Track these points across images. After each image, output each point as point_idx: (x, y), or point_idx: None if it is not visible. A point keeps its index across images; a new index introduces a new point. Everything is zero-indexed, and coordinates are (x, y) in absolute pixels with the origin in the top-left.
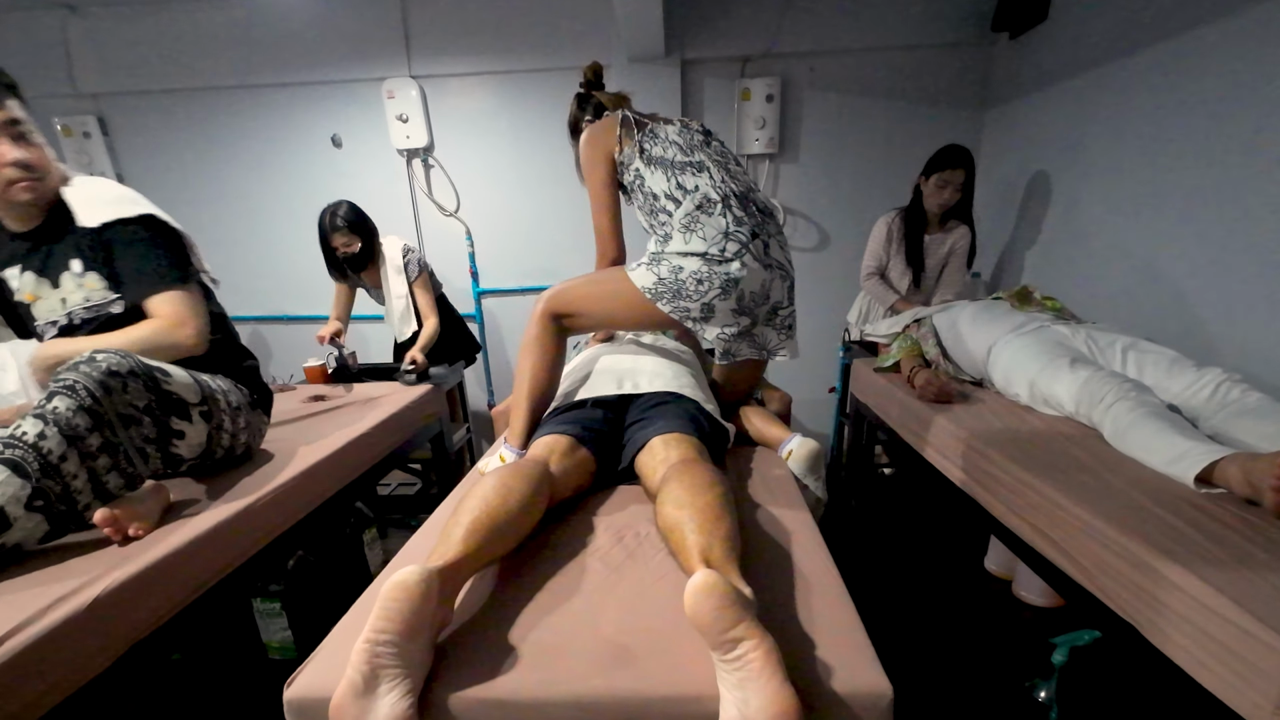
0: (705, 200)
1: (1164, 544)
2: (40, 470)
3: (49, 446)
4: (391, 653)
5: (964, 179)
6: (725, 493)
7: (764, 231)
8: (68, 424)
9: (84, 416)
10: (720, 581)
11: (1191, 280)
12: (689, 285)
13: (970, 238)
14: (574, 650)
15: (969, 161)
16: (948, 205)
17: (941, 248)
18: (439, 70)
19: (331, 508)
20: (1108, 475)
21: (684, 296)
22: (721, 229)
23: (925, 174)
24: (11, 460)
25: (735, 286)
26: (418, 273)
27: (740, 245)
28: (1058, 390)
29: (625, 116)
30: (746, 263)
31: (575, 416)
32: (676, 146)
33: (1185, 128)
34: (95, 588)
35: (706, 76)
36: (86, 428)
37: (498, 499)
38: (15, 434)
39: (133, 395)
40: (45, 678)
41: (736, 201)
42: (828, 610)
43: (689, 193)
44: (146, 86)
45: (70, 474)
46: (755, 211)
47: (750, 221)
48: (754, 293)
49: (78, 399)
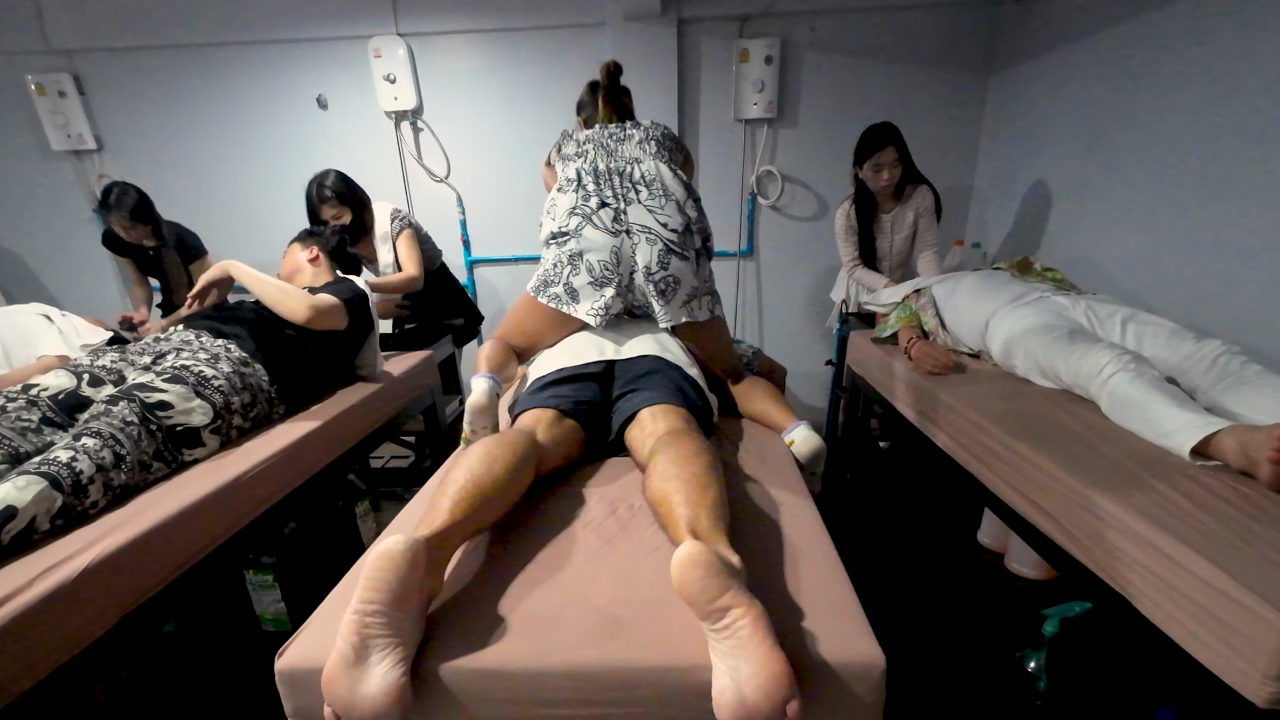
0: (565, 181)
1: (1158, 516)
2: (71, 489)
3: (81, 468)
4: (381, 623)
5: (895, 155)
6: (712, 462)
7: (620, 200)
8: (95, 454)
9: (109, 453)
10: (704, 551)
11: (1195, 252)
12: (552, 272)
13: (932, 194)
14: (567, 621)
15: (894, 136)
16: (891, 184)
17: (906, 217)
18: (427, 28)
19: (323, 479)
20: (1103, 447)
21: (552, 283)
22: (568, 207)
23: (857, 163)
24: (50, 475)
25: (580, 259)
26: (399, 230)
27: (581, 218)
28: (1056, 362)
29: (564, 132)
30: (585, 233)
31: (561, 390)
32: (575, 143)
33: (1194, 94)
34: (84, 557)
35: (704, 36)
36: (113, 463)
37: (483, 468)
38: (50, 456)
39: (145, 444)
40: (34, 649)
41: (592, 177)
42: (821, 581)
43: (564, 180)
44: (124, 43)
45: (93, 501)
46: (618, 183)
47: (600, 194)
48: (603, 261)
49: (104, 442)
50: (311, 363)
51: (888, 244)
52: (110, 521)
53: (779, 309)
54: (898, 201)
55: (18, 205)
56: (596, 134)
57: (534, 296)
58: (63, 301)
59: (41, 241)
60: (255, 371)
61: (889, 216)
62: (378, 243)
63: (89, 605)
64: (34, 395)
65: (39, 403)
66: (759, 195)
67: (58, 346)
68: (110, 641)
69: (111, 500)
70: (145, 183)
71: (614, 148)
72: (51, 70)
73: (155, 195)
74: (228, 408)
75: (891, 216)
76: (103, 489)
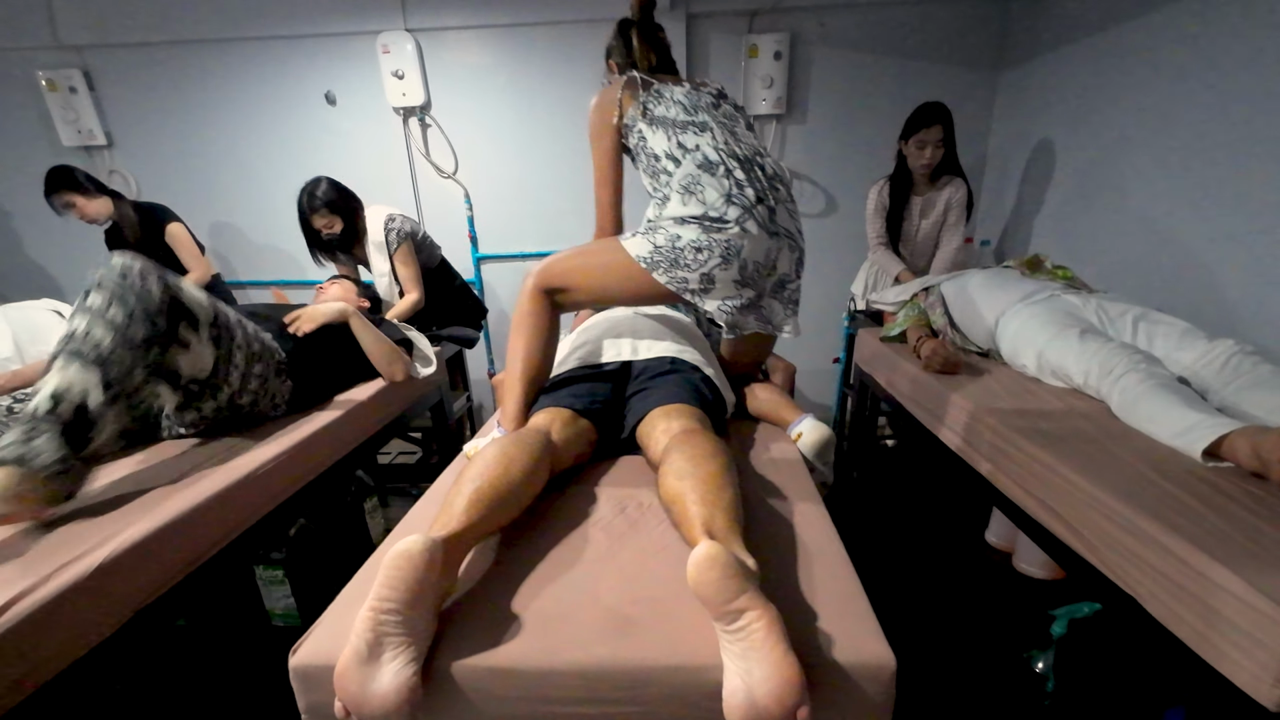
0: (705, 161)
1: (1169, 517)
2: (99, 362)
3: (98, 338)
4: (395, 621)
5: (942, 135)
6: (727, 463)
7: (770, 197)
8: (104, 315)
9: (118, 308)
10: (723, 552)
11: (1207, 251)
12: (687, 254)
13: (965, 190)
14: (577, 619)
15: (945, 116)
16: (931, 164)
17: (936, 205)
18: (436, 23)
19: (332, 476)
20: (1114, 448)
21: (682, 266)
22: (723, 192)
23: (903, 137)
24: (77, 352)
25: (737, 255)
26: (396, 244)
27: (742, 210)
28: (1066, 361)
29: (631, 77)
30: (749, 229)
31: (575, 388)
32: (680, 106)
33: (1210, 90)
34: (99, 553)
35: (712, 31)
36: (124, 321)
37: (499, 469)
38: (68, 332)
39: (155, 293)
40: (49, 643)
41: (739, 164)
42: (831, 581)
43: (689, 152)
44: (133, 39)
45: (124, 363)
46: (761, 176)
47: (754, 186)
48: (758, 263)
49: (107, 294)
50: (328, 353)
51: (913, 228)
52: (124, 519)
53: None
54: (932, 186)
55: (29, 201)
56: (694, 98)
57: (644, 268)
58: (74, 298)
59: (54, 238)
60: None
61: (920, 200)
62: (372, 250)
63: (103, 600)
64: None
65: None
66: None
67: None
68: (125, 636)
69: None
70: (154, 178)
71: (732, 129)
72: (62, 66)
73: (164, 190)
74: (229, 326)
75: (923, 200)
76: (126, 349)
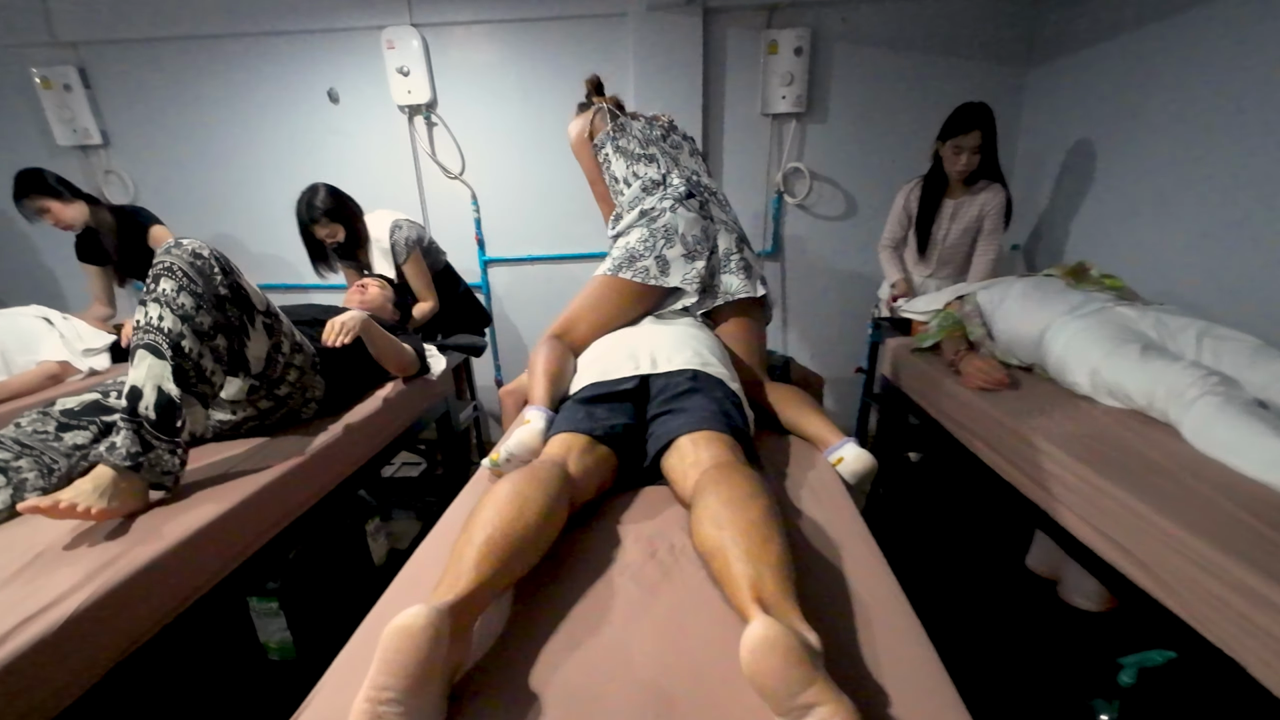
0: (650, 183)
1: (1264, 561)
2: (171, 350)
3: (168, 326)
4: (397, 712)
5: (980, 141)
6: (770, 505)
7: (700, 194)
8: (174, 302)
9: (188, 296)
10: (783, 634)
11: (1265, 261)
12: (639, 248)
13: (1004, 196)
14: (607, 695)
15: (985, 120)
16: (967, 171)
17: (969, 210)
18: (442, 18)
19: (333, 500)
20: (1190, 480)
21: (638, 258)
22: (659, 196)
23: (941, 138)
24: (149, 344)
25: (675, 233)
26: (406, 254)
27: (674, 201)
28: (1125, 381)
29: (601, 109)
30: (679, 211)
31: (592, 409)
32: (637, 140)
33: (1257, 87)
34: (70, 602)
35: (730, 27)
36: (194, 307)
37: (513, 512)
38: (141, 321)
39: (220, 278)
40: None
41: (678, 179)
42: (898, 648)
43: (639, 178)
44: (130, 35)
45: (193, 351)
46: (694, 181)
47: (685, 187)
48: (695, 236)
49: (177, 280)
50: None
51: (942, 232)
52: (106, 557)
53: (805, 312)
54: (967, 190)
55: None
56: (647, 132)
57: (614, 275)
58: (67, 302)
59: (47, 240)
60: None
61: (952, 203)
62: (376, 256)
63: (78, 655)
64: (47, 410)
65: (51, 414)
66: (786, 193)
67: (58, 351)
68: (112, 681)
69: (217, 360)
70: (152, 178)
71: (675, 155)
72: (57, 63)
73: (162, 191)
74: (278, 315)
75: (955, 204)
76: (194, 337)
